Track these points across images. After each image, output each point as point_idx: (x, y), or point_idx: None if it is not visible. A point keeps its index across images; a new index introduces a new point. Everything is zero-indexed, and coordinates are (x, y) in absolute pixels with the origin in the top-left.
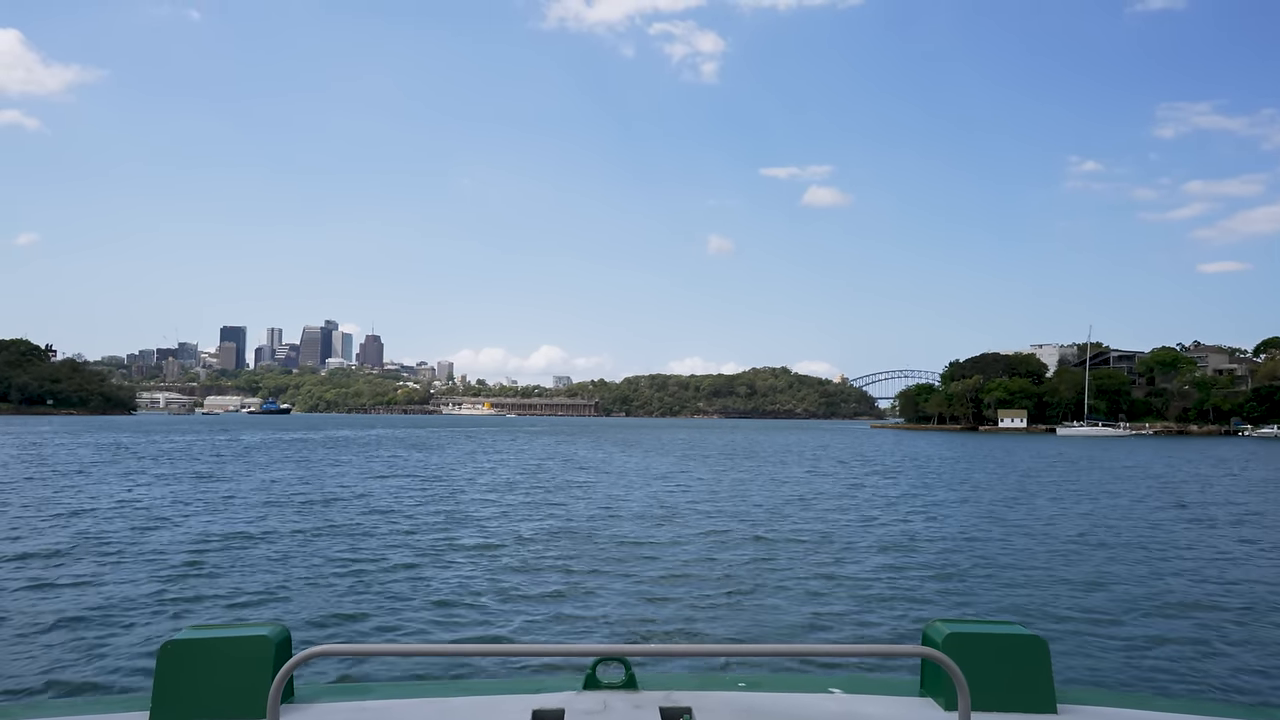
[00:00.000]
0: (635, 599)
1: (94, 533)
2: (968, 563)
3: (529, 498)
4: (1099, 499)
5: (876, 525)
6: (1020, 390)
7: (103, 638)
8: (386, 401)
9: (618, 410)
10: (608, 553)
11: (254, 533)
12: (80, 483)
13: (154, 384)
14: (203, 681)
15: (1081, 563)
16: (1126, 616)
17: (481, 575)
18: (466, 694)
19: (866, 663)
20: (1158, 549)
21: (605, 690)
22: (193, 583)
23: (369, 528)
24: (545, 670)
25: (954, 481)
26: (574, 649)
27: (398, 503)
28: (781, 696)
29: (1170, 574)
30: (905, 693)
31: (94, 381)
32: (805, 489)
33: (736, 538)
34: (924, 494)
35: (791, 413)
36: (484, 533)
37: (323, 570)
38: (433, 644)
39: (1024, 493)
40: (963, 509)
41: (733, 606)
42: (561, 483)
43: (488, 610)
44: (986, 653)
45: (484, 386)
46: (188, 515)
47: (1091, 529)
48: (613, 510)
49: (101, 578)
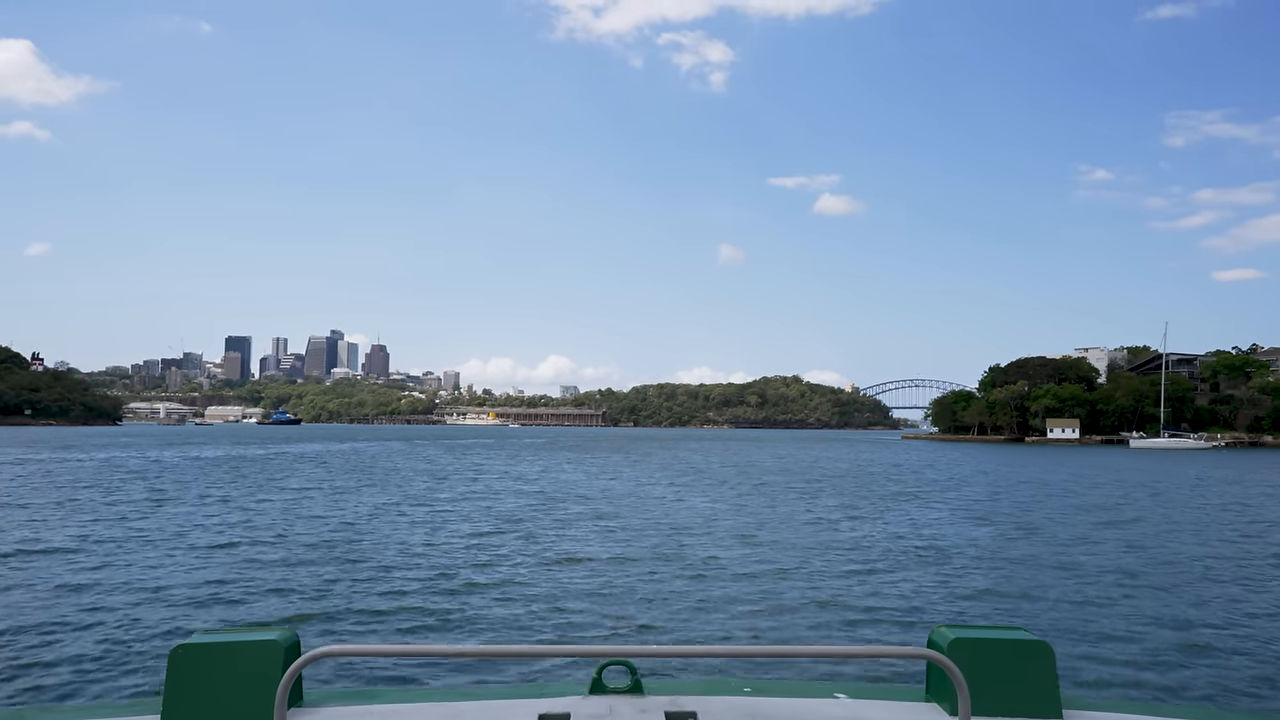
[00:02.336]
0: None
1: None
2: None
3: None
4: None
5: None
6: (1072, 397)
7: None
8: (390, 411)
9: (626, 420)
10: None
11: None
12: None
13: (155, 394)
14: (213, 685)
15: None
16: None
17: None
18: (473, 699)
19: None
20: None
21: (611, 695)
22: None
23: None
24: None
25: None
26: (579, 650)
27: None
28: (787, 701)
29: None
30: (910, 698)
31: (76, 391)
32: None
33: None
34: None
35: (804, 422)
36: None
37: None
38: (438, 645)
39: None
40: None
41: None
42: (548, 557)
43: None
44: (991, 657)
45: (489, 396)
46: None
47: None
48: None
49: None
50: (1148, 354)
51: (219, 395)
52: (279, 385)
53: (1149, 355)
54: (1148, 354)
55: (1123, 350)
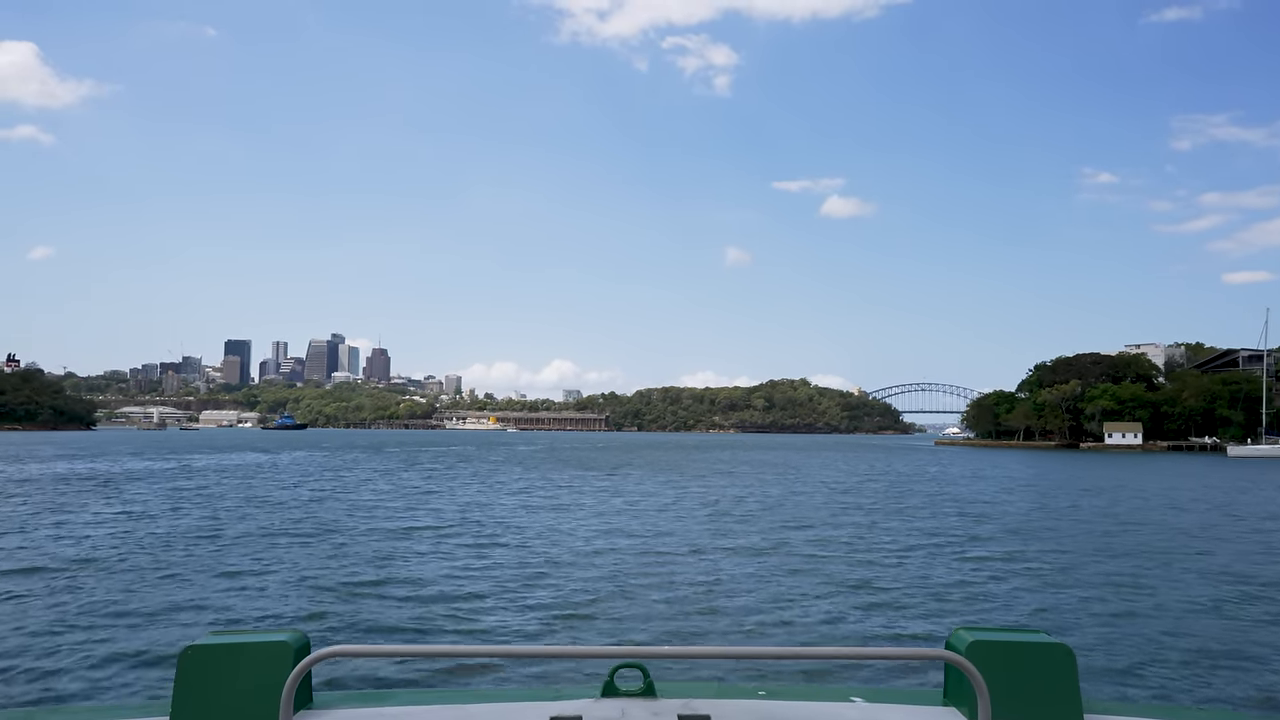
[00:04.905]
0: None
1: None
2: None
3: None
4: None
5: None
6: (1133, 398)
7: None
8: (388, 415)
9: (629, 425)
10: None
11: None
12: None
13: (150, 398)
14: (222, 686)
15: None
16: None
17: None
18: (485, 700)
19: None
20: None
21: (623, 697)
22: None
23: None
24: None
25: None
26: (590, 651)
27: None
28: (802, 705)
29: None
30: (928, 702)
31: (46, 394)
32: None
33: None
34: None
35: (812, 426)
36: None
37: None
38: (447, 645)
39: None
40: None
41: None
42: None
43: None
44: (1011, 660)
45: (491, 400)
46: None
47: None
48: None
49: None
50: (1206, 351)
51: (214, 399)
52: (276, 389)
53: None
54: (1206, 351)
55: (1179, 347)
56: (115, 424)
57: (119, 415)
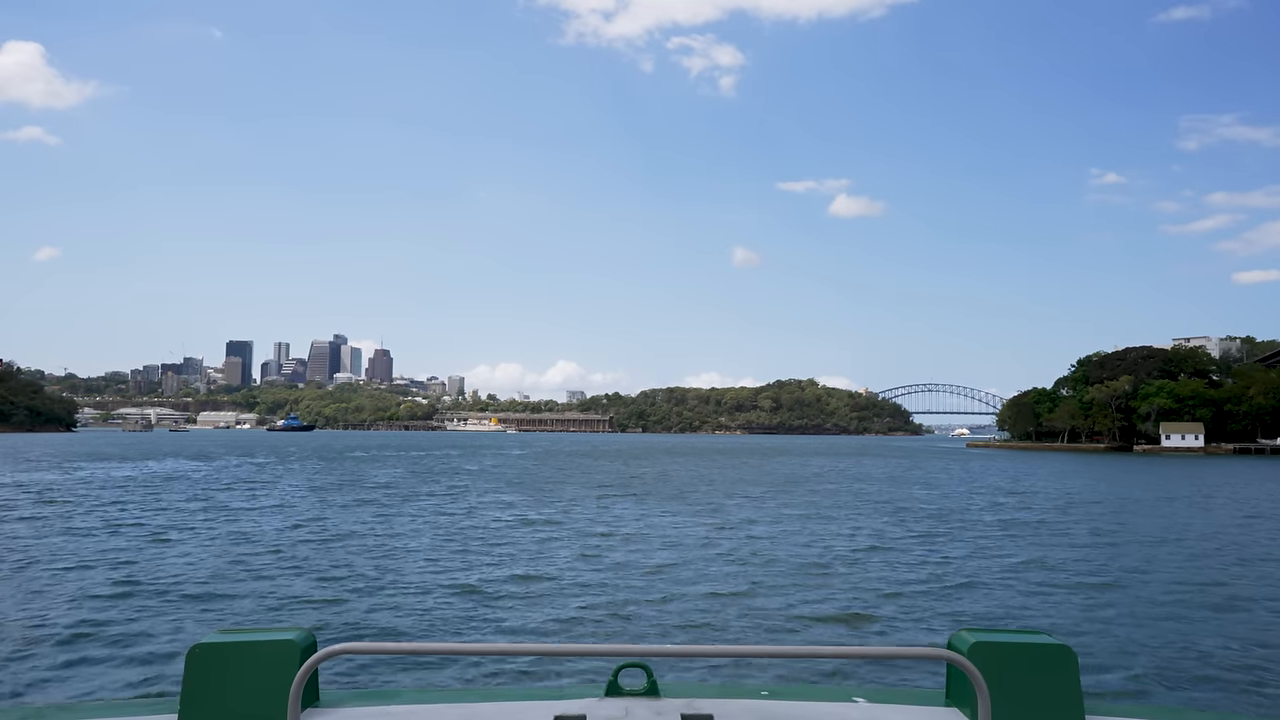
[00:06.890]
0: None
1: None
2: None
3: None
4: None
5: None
6: (1193, 396)
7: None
8: (388, 417)
9: (633, 426)
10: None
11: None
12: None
13: (148, 399)
14: (230, 684)
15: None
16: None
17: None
18: (489, 700)
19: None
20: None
21: (627, 697)
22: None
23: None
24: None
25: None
26: (594, 649)
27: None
28: (804, 705)
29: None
30: (930, 702)
31: (23, 394)
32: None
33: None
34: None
35: (820, 427)
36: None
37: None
38: (452, 643)
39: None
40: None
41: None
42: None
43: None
44: (1013, 661)
45: (493, 401)
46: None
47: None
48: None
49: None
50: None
51: (213, 400)
52: (276, 390)
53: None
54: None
55: (1235, 340)
56: (111, 425)
57: (116, 416)
